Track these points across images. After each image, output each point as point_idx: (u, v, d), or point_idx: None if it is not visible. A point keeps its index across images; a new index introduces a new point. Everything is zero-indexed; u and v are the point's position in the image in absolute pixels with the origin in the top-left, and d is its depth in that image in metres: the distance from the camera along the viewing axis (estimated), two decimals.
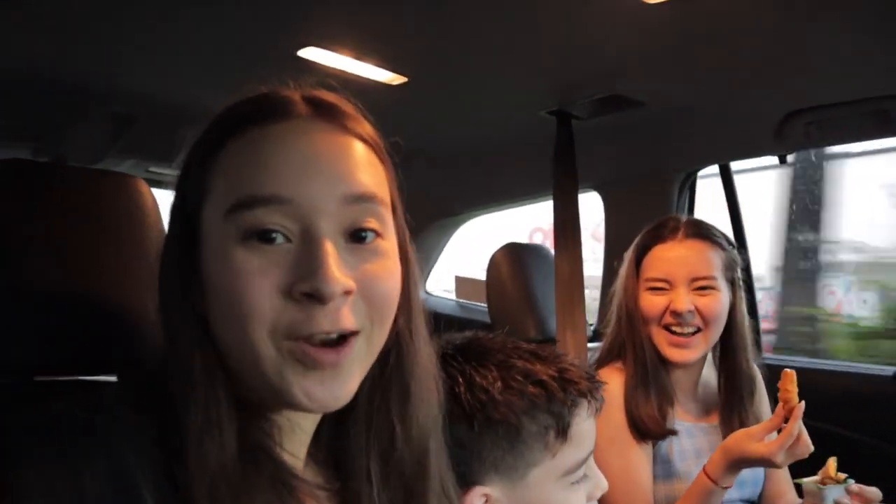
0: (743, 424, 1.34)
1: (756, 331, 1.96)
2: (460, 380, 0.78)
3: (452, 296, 3.03)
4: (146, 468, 0.52)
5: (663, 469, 1.32)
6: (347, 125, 0.61)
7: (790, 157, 1.79)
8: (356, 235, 0.58)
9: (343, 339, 0.56)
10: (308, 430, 0.65)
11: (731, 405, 1.35)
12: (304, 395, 0.56)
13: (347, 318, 0.56)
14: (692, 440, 1.34)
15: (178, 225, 0.60)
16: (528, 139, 1.84)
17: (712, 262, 1.32)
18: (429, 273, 2.90)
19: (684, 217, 1.40)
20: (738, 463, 1.15)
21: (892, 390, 1.70)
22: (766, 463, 1.13)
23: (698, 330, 1.30)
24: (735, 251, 1.38)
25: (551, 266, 1.70)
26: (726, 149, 1.85)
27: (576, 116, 1.69)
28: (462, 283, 2.94)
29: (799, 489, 1.15)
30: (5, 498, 0.47)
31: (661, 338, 1.31)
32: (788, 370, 1.13)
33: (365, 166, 0.60)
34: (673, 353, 1.31)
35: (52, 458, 0.49)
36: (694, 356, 1.32)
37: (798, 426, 1.10)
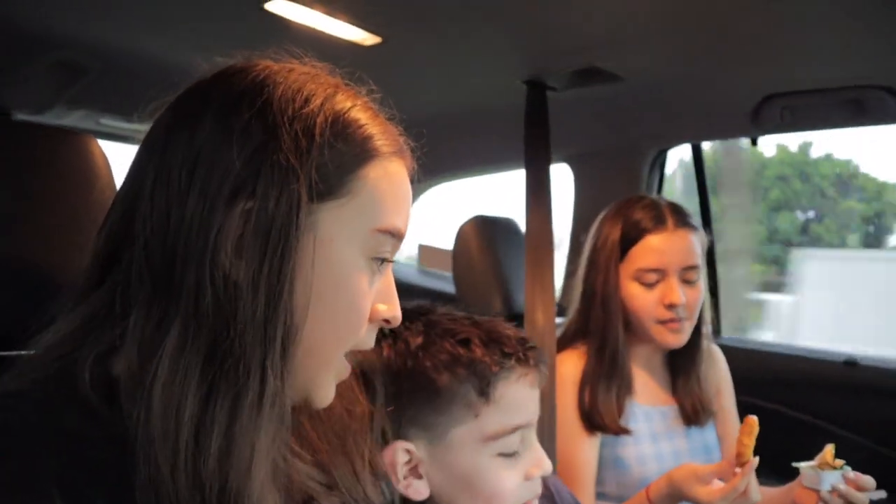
0: (702, 404, 1.36)
1: (716, 309, 1.99)
2: (389, 338, 0.78)
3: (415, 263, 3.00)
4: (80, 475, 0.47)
5: (613, 454, 1.32)
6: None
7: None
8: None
9: None
10: None
11: (687, 383, 1.37)
12: (330, 393, 0.60)
13: None
14: (649, 424, 1.34)
15: (266, 210, 0.52)
16: (503, 107, 1.78)
17: (698, 249, 1.33)
18: None
19: (662, 200, 1.38)
20: (680, 497, 1.13)
21: (843, 375, 1.74)
22: None
23: (686, 319, 1.31)
24: (703, 233, 1.38)
25: (521, 241, 1.67)
26: (701, 129, 1.84)
27: (551, 87, 1.64)
28: (426, 252, 2.90)
29: (795, 473, 1.14)
30: None
31: (655, 329, 1.31)
32: (751, 418, 1.08)
33: None
34: (670, 338, 1.31)
35: None
36: (685, 339, 1.33)
37: (745, 482, 1.05)
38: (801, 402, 1.72)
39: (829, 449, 1.13)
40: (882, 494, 1.10)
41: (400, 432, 0.76)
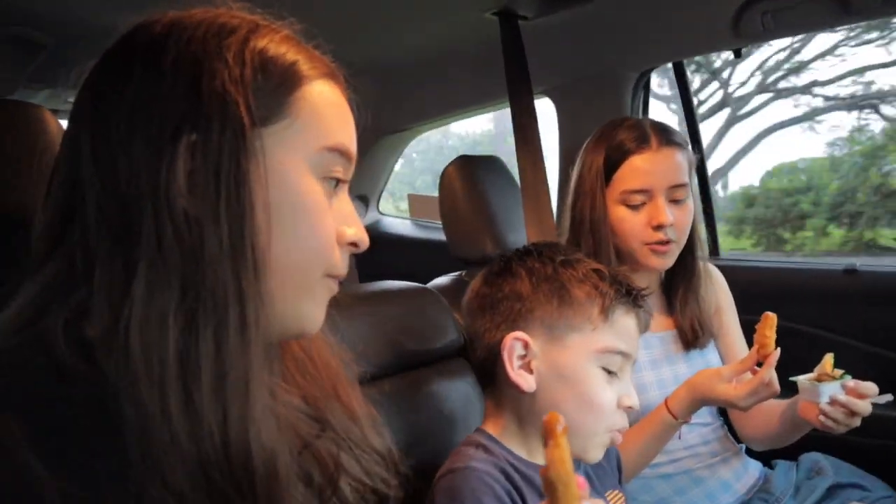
0: (701, 326, 1.34)
1: (712, 229, 1.97)
2: (530, 251, 0.93)
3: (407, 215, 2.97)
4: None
5: None
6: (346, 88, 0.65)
7: None
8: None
9: None
10: None
11: (685, 305, 1.35)
12: (319, 320, 0.61)
13: None
14: (648, 351, 1.33)
15: (217, 135, 0.52)
16: (477, 44, 1.73)
17: (684, 167, 1.29)
18: (380, 192, 2.81)
19: (645, 120, 1.34)
20: (702, 401, 1.14)
21: (843, 284, 1.72)
22: (731, 405, 1.12)
23: (672, 241, 1.28)
24: (691, 151, 1.35)
25: (507, 178, 1.64)
26: (681, 45, 1.77)
27: (521, 16, 1.59)
28: (416, 202, 2.87)
29: (794, 387, 1.13)
30: None
31: (641, 251, 1.29)
32: (769, 314, 1.10)
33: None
34: (655, 261, 1.29)
35: None
36: (671, 262, 1.32)
37: (770, 373, 1.07)
38: (804, 315, 1.71)
39: (828, 359, 1.11)
40: (889, 397, 1.09)
41: (523, 326, 0.87)
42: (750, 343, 1.17)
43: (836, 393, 1.07)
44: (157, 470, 0.47)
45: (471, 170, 1.64)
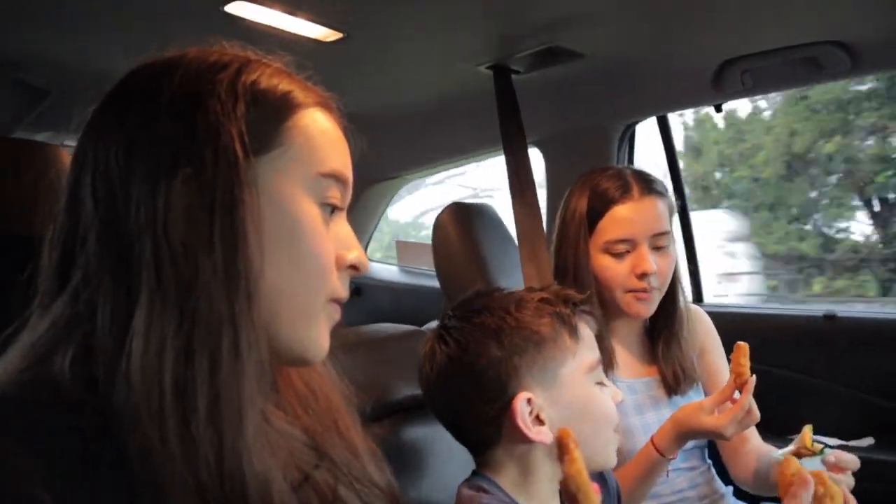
0: (683, 370, 1.37)
1: (695, 276, 2.02)
2: (482, 311, 0.89)
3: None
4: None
5: None
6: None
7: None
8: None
9: None
10: None
11: (668, 350, 1.36)
12: (323, 346, 0.61)
13: None
14: (634, 396, 1.34)
15: (209, 168, 0.54)
16: (471, 96, 1.80)
17: (665, 215, 1.33)
18: (369, 238, 2.85)
19: (626, 169, 1.38)
20: (687, 435, 1.16)
21: (823, 329, 1.78)
22: (716, 435, 1.14)
23: (655, 289, 1.31)
24: (671, 198, 1.40)
25: (499, 225, 1.68)
26: (666, 100, 1.86)
27: (514, 70, 1.66)
28: (404, 248, 2.90)
29: (785, 430, 1.17)
30: None
31: (623, 299, 1.32)
32: (741, 343, 1.13)
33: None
34: (638, 308, 1.31)
35: None
36: (653, 309, 1.34)
37: (749, 400, 1.10)
38: (785, 361, 1.75)
39: (807, 432, 1.10)
40: (870, 441, 1.11)
41: (517, 388, 0.84)
42: None
43: (817, 469, 1.04)
44: (160, 500, 0.47)
45: (464, 216, 1.68)
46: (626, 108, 1.90)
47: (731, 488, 1.41)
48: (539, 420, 0.84)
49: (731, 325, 1.83)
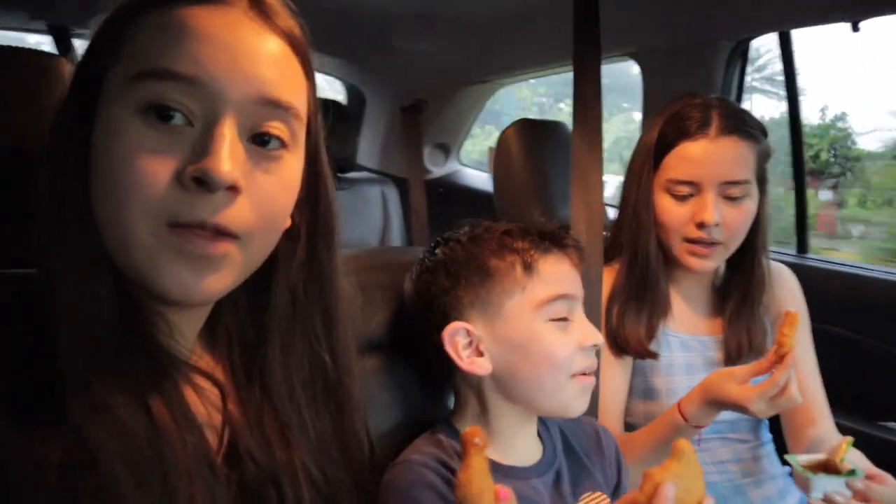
0: (751, 336, 1.22)
1: (801, 225, 1.78)
2: (439, 240, 0.91)
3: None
4: None
5: (644, 384, 1.22)
6: (279, 24, 0.59)
7: None
8: (259, 138, 0.56)
9: (218, 234, 0.54)
10: (190, 339, 0.64)
11: (738, 313, 1.21)
12: (176, 282, 0.54)
13: (229, 216, 0.54)
14: (686, 354, 1.23)
15: (77, 93, 0.56)
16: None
17: (747, 162, 1.14)
18: (461, 143, 2.76)
19: (715, 101, 1.19)
20: (716, 403, 1.03)
21: None
22: (741, 409, 1.00)
23: (719, 243, 1.15)
24: (767, 142, 1.19)
25: (570, 147, 1.54)
26: (790, 13, 1.56)
27: None
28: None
29: (871, 411, 1.01)
30: None
31: (680, 248, 1.18)
32: (792, 311, 0.98)
33: (286, 72, 0.58)
34: (693, 262, 1.17)
35: None
36: (713, 265, 1.19)
37: (786, 376, 0.96)
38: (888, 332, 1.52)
39: (843, 444, 0.96)
40: None
41: (460, 316, 0.85)
42: (822, 360, 1.05)
43: (835, 491, 0.92)
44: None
45: (530, 135, 1.56)
46: (739, 22, 1.62)
47: (788, 470, 1.27)
48: (479, 352, 0.84)
49: (838, 288, 1.61)
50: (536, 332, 0.83)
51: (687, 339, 1.24)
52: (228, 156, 0.52)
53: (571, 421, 0.99)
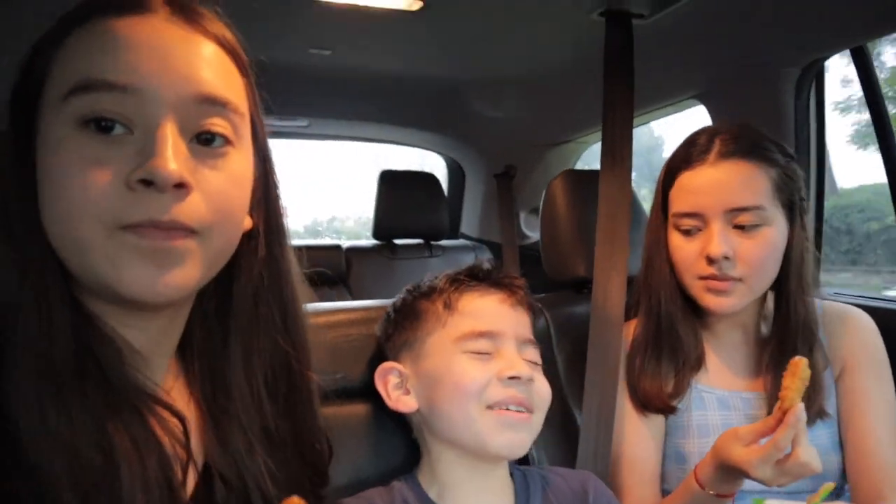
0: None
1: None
2: (403, 292, 0.98)
3: None
4: None
5: (674, 447, 1.09)
6: (206, 27, 0.60)
7: None
8: (202, 138, 0.58)
9: (174, 230, 0.55)
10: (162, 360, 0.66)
11: (775, 365, 1.05)
12: (138, 279, 0.54)
13: (182, 212, 0.55)
14: (724, 413, 1.08)
15: (16, 118, 0.58)
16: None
17: (758, 185, 1.02)
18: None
19: (725, 127, 1.09)
20: (726, 468, 0.90)
21: None
22: (745, 475, 0.87)
23: (735, 279, 1.03)
24: (794, 164, 1.07)
25: None
26: (862, 26, 1.40)
27: (634, 14, 1.42)
28: None
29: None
30: None
31: (696, 287, 1.07)
32: (797, 358, 0.85)
33: (219, 70, 0.59)
34: (710, 301, 1.05)
35: None
36: (735, 303, 1.05)
37: (788, 437, 0.82)
38: None
39: (821, 491, 0.79)
40: None
41: (395, 357, 0.92)
42: None
43: None
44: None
45: (575, 185, 1.52)
46: (801, 43, 1.48)
47: None
48: (408, 391, 0.88)
49: None
50: (449, 364, 0.85)
51: (725, 395, 1.10)
52: (172, 155, 0.54)
53: (559, 475, 0.93)
